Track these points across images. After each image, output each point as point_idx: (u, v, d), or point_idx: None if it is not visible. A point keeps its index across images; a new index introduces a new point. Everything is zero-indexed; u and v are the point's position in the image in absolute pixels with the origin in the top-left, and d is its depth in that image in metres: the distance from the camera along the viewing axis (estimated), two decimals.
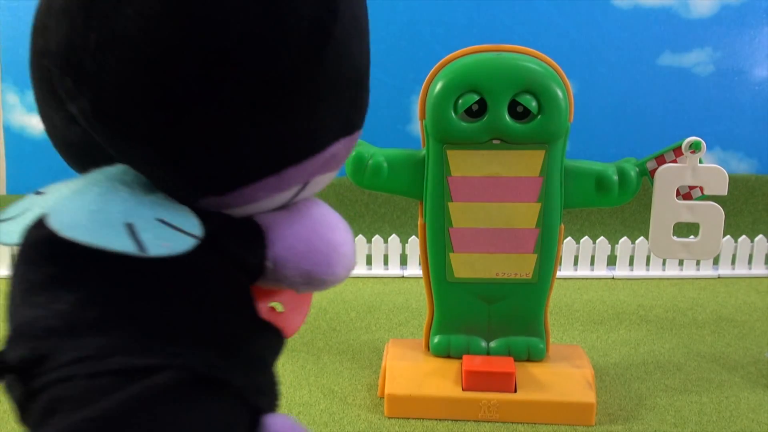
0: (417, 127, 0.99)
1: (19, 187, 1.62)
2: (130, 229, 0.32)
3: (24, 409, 0.32)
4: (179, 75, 0.32)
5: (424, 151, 0.75)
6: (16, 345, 0.32)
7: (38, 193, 0.38)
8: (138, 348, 0.32)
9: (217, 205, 0.38)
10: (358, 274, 1.33)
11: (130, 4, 0.32)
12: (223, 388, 0.35)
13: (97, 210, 0.33)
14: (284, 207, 0.41)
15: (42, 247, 0.34)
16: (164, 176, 0.36)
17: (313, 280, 0.41)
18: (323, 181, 0.42)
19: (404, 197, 0.84)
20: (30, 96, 1.60)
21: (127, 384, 0.31)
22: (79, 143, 0.38)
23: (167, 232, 0.33)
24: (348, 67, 0.37)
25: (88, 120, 0.35)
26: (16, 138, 1.62)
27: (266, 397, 0.41)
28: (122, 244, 0.31)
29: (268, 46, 0.33)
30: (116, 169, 0.37)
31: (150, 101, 0.33)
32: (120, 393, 0.30)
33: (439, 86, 0.70)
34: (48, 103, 0.37)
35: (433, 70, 0.72)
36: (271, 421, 0.38)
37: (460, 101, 0.70)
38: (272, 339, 0.42)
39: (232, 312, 0.38)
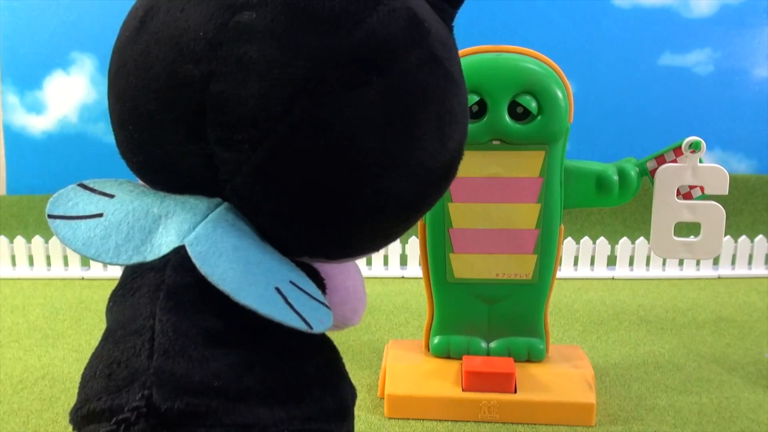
0: None
1: (19, 187, 1.61)
2: (281, 295, 0.32)
3: None
4: (369, 186, 0.34)
5: None
6: (164, 393, 0.30)
7: (91, 190, 0.36)
8: (298, 422, 0.33)
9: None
10: None
11: (349, 101, 0.31)
12: None
13: (245, 263, 0.32)
14: None
15: (194, 294, 0.33)
16: (289, 237, 0.36)
17: (343, 325, 0.44)
18: None
19: None
20: (30, 96, 1.60)
21: None
22: (186, 172, 0.35)
23: (309, 302, 0.33)
24: None
25: (239, 171, 0.33)
26: (16, 138, 1.61)
27: None
28: (290, 318, 0.31)
29: (434, 186, 0.38)
30: (226, 205, 0.35)
31: (322, 190, 0.33)
32: None
33: None
34: (167, 126, 0.34)
35: None
36: None
37: None
38: None
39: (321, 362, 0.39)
